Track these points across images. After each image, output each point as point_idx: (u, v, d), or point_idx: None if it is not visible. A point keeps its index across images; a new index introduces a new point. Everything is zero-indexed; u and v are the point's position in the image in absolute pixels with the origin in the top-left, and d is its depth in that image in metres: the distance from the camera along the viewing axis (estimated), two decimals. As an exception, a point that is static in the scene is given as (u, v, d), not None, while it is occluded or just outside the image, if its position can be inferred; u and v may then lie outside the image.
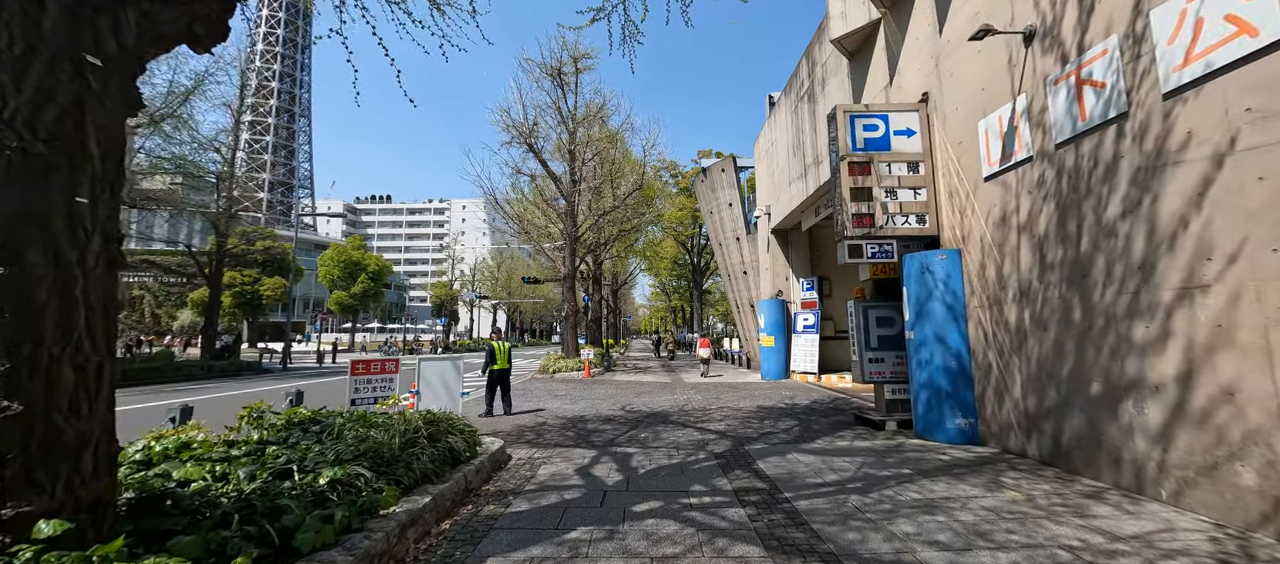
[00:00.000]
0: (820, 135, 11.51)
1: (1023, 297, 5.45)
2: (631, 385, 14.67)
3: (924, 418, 6.57)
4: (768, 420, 8.48)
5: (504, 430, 8.00)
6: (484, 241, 79.52)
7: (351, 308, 51.02)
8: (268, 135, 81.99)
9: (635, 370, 20.88)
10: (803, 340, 15.05)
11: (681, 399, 11.50)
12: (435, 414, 5.37)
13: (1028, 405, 5.43)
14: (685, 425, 8.21)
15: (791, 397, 11.54)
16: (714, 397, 11.89)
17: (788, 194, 14.19)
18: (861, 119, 7.16)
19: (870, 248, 6.94)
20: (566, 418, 9.13)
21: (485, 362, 9.83)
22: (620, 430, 7.87)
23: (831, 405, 10.12)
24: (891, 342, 7.59)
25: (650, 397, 12.03)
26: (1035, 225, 5.27)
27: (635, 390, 13.37)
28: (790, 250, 16.17)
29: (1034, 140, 5.30)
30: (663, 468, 5.60)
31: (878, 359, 7.56)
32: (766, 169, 16.68)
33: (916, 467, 5.37)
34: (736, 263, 26.18)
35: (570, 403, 11.15)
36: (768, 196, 16.54)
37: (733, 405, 10.36)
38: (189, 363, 21.45)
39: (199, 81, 19.99)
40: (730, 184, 25.69)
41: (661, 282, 62.47)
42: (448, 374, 7.61)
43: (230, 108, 24.83)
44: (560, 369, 18.30)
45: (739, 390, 13.05)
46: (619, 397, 12.09)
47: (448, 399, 7.53)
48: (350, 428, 4.52)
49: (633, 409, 10.12)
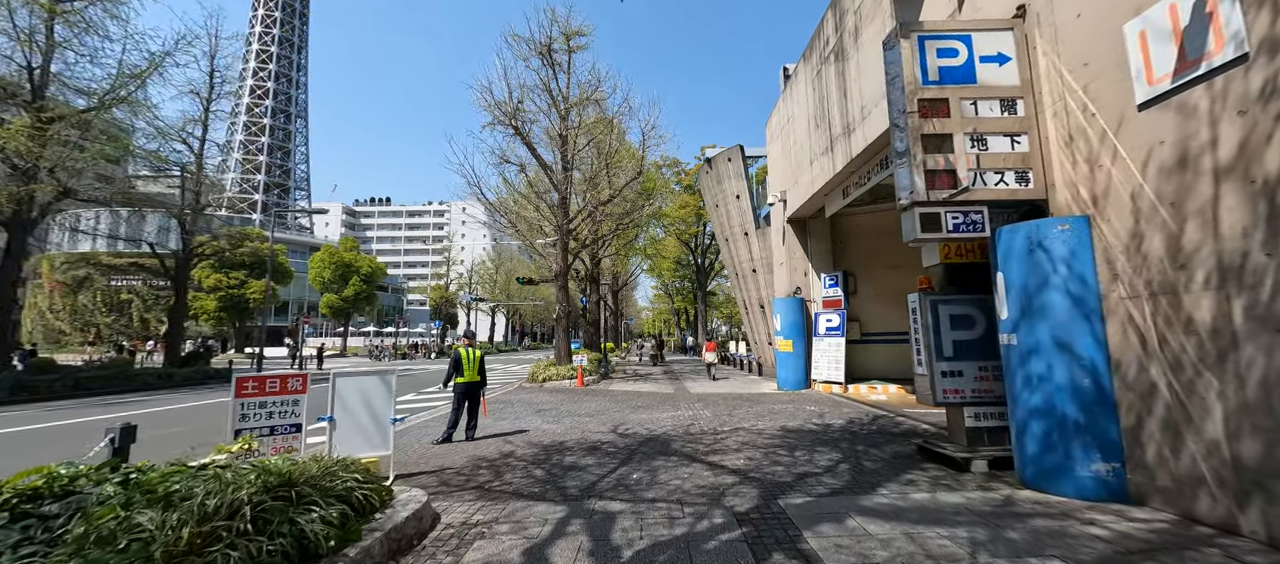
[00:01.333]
0: (851, 100, 9.54)
1: (1231, 279, 3.46)
2: (629, 397, 12.70)
3: (1037, 460, 4.56)
4: (800, 451, 6.49)
5: (453, 467, 6.05)
6: (483, 243, 77.76)
7: (343, 311, 49.29)
8: (263, 136, 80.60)
9: (635, 378, 18.91)
10: (826, 345, 13.04)
11: (686, 416, 9.52)
12: (305, 467, 3.43)
13: (1241, 453, 3.43)
14: (692, 459, 6.23)
15: (820, 414, 9.54)
16: (725, 412, 9.91)
17: (808, 175, 12.22)
18: (935, 42, 5.18)
19: (951, 218, 4.95)
20: (541, 445, 7.17)
21: (448, 373, 7.89)
22: (606, 466, 5.90)
23: (874, 427, 8.11)
24: (973, 348, 5.59)
25: (649, 412, 10.06)
26: (1260, 160, 3.29)
27: (632, 403, 11.40)
28: (810, 242, 14.18)
29: (1255, 23, 3.31)
30: (660, 544, 3.64)
31: (954, 373, 5.56)
32: (781, 150, 14.72)
33: (1068, 550, 3.38)
34: (744, 260, 24.19)
35: (553, 421, 9.19)
36: (783, 181, 14.57)
37: (750, 426, 8.37)
38: (148, 371, 19.61)
39: (155, 63, 18.20)
40: (738, 174, 23.74)
41: (664, 283, 60.55)
42: (373, 394, 5.67)
43: (199, 96, 23.10)
44: (550, 377, 16.36)
45: (754, 404, 11.06)
46: (612, 412, 10.13)
47: (373, 430, 5.58)
48: (104, 516, 2.57)
49: (627, 431, 8.14)
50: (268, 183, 79.67)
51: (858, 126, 9.31)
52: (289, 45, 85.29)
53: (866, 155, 9.39)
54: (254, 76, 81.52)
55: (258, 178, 77.21)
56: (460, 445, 7.30)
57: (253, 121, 79.93)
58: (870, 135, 8.80)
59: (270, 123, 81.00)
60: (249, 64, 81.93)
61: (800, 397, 12.11)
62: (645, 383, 16.88)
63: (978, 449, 5.34)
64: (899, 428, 7.93)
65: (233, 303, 42.97)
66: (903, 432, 7.64)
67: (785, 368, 13.55)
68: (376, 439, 5.61)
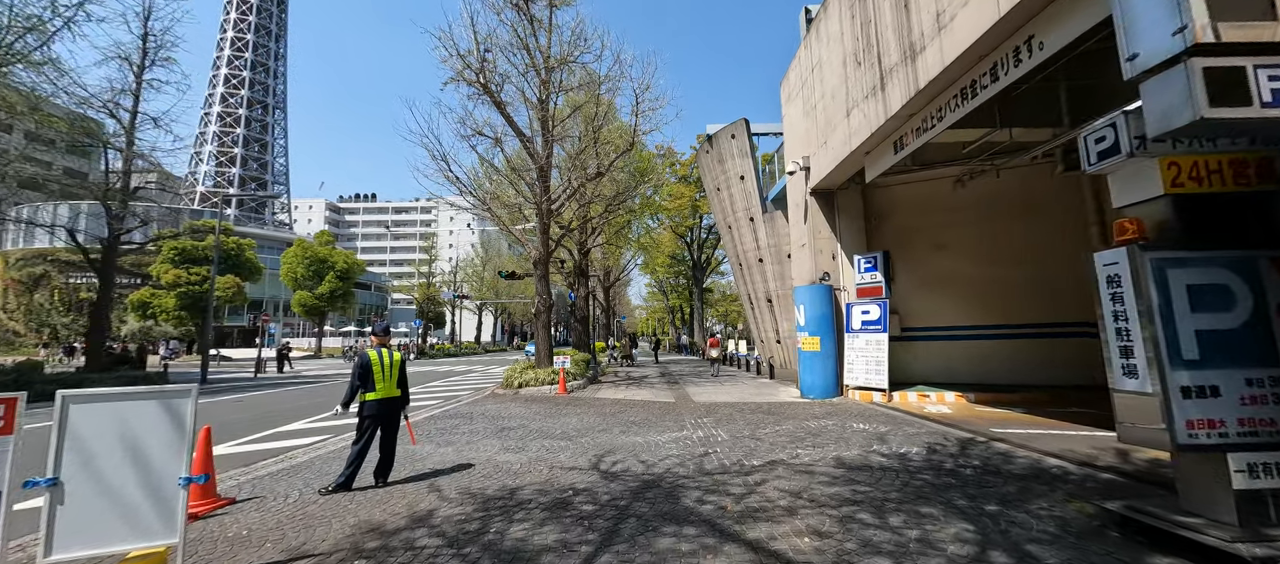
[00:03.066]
0: (917, 11, 7.06)
1: None
2: (619, 409, 10.18)
3: None
4: (893, 513, 4.00)
5: (315, 553, 3.50)
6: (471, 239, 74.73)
7: (318, 309, 46.25)
8: (239, 128, 77.05)
9: (627, 382, 16.38)
10: (863, 342, 10.60)
11: (696, 439, 7.01)
12: None
13: None
14: (723, 532, 3.72)
15: (879, 436, 7.07)
16: (747, 432, 7.42)
17: (843, 131, 9.76)
18: None
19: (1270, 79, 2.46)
20: (483, 497, 4.63)
21: (350, 386, 5.30)
22: (577, 551, 3.38)
23: (975, 462, 5.64)
24: (1232, 345, 3.12)
25: (645, 432, 7.54)
26: None
27: (624, 418, 8.89)
28: (839, 218, 11.72)
29: None
30: None
31: (1203, 390, 3.08)
32: (802, 110, 12.26)
33: None
34: (750, 249, 21.71)
35: (515, 448, 6.64)
36: (805, 145, 12.11)
37: (791, 458, 5.88)
38: (59, 377, 16.81)
39: (61, 11, 15.42)
40: (742, 153, 21.27)
41: (659, 279, 58.04)
42: (147, 434, 3.12)
43: (129, 62, 20.25)
44: (528, 382, 13.80)
45: (780, 419, 8.58)
46: (597, 431, 7.60)
47: (142, 500, 3.03)
48: None
49: (615, 467, 5.62)
50: (244, 176, 76.20)
51: (929, 44, 6.84)
52: (266, 33, 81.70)
53: (942, 82, 6.93)
54: (229, 65, 77.93)
55: (233, 171, 73.74)
56: (361, 497, 4.75)
57: (227, 112, 76.40)
58: (951, 52, 6.34)
59: (246, 113, 77.46)
60: (224, 52, 78.38)
61: (835, 408, 9.66)
62: (640, 388, 14.36)
63: (1266, 534, 2.87)
64: (1015, 465, 5.46)
65: (195, 300, 39.89)
66: (1027, 472, 5.18)
67: (811, 371, 11.08)
68: (150, 517, 3.06)
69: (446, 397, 13.51)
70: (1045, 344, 10.77)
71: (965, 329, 11.43)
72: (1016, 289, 11.18)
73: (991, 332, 11.23)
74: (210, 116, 75.61)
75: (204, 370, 21.31)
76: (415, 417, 9.38)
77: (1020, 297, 11.13)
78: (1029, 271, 11.04)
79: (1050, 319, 10.79)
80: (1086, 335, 10.20)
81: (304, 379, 21.45)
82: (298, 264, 45.47)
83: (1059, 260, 10.58)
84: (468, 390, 14.97)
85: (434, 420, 8.93)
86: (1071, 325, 10.46)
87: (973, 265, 11.49)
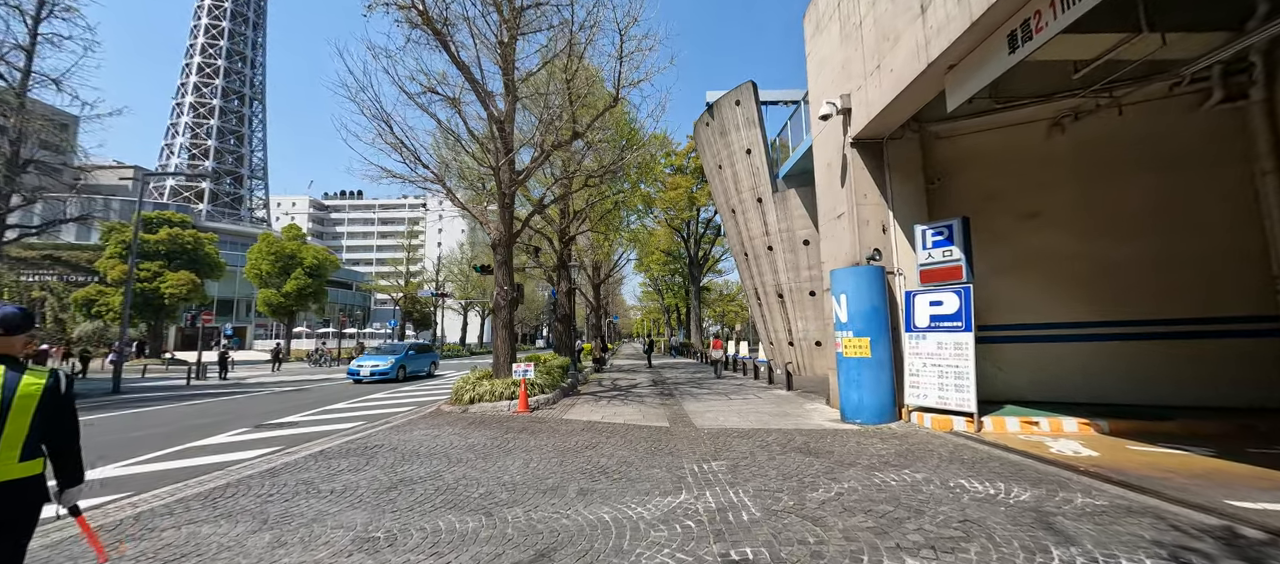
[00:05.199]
0: None
1: None
2: (592, 440, 7.05)
3: None
4: None
5: None
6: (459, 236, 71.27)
7: (285, 309, 42.79)
8: (212, 119, 73.32)
9: (612, 393, 13.26)
10: (934, 345, 7.53)
11: (703, 517, 3.90)
12: None
13: None
14: None
15: (1036, 513, 4.00)
16: (791, 502, 4.32)
17: (913, 38, 6.71)
18: None
19: None
20: None
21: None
22: None
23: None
24: None
25: (620, 496, 4.43)
26: None
27: (594, 458, 5.77)
28: (892, 178, 8.64)
29: None
30: None
31: None
32: (839, 34, 9.20)
33: None
34: (758, 235, 18.61)
35: (374, 548, 3.50)
36: (843, 81, 9.04)
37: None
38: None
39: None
40: (748, 122, 18.18)
41: (653, 278, 54.91)
42: None
43: (22, 12, 17.01)
44: (481, 396, 10.68)
45: (830, 466, 5.50)
46: (538, 498, 4.48)
47: None
48: None
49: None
50: (218, 170, 72.54)
51: None
52: (243, 21, 78.01)
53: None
54: (203, 54, 74.16)
55: (205, 164, 70.06)
56: None
57: (201, 102, 72.71)
58: None
59: (221, 104, 73.79)
60: (198, 39, 74.67)
61: (904, 442, 6.58)
62: (625, 403, 11.25)
63: None
64: None
65: (145, 299, 36.43)
66: None
67: (857, 385, 7.98)
68: None
69: (373, 416, 10.38)
70: (1194, 347, 7.73)
71: (1070, 327, 8.39)
72: (1145, 270, 8.14)
73: (1110, 330, 8.19)
74: (182, 107, 71.89)
75: (117, 377, 18.00)
76: (303, 447, 6.28)
77: (1151, 281, 8.09)
78: (1163, 245, 8.00)
79: (1199, 313, 7.76)
80: (1263, 334, 7.21)
81: (242, 387, 18.33)
82: (262, 260, 42.05)
83: (1213, 229, 7.58)
84: (409, 406, 11.83)
85: (299, 465, 5.76)
86: (1237, 321, 7.45)
87: (1078, 239, 8.46)
